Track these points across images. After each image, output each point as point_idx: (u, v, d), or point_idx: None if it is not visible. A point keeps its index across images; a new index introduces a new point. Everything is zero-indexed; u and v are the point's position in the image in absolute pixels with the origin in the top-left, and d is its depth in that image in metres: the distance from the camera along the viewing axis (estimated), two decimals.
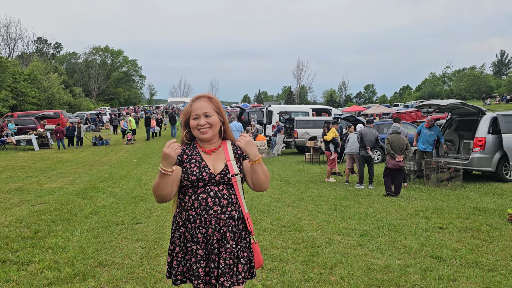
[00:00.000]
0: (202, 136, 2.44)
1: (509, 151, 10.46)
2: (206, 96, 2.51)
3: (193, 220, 2.39)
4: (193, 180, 2.39)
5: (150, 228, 6.28)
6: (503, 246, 5.20)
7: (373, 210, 7.48)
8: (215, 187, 2.41)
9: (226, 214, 2.40)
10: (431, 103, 12.19)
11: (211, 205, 2.38)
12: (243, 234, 2.46)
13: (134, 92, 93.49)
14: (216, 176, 2.41)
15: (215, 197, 2.38)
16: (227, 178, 2.41)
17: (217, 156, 2.48)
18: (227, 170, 2.42)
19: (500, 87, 79.19)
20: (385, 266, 4.52)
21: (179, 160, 2.46)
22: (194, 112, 2.45)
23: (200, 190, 2.40)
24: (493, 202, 8.08)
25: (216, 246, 2.38)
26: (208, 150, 2.49)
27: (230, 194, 2.42)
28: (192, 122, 2.46)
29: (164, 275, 4.33)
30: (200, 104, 2.45)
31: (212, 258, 2.38)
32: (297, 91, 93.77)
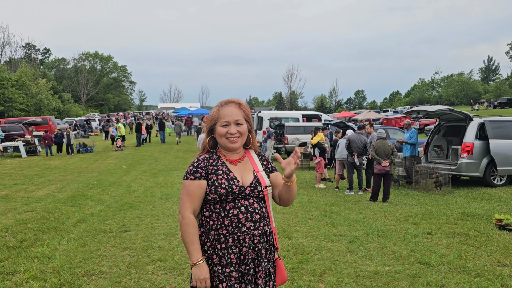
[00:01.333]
0: (230, 146, 2.25)
1: (497, 156, 10.59)
2: (236, 102, 2.30)
3: (224, 240, 2.17)
4: (222, 193, 2.17)
5: (139, 236, 6.22)
6: (490, 251, 5.24)
7: (363, 216, 7.50)
8: (245, 201, 2.20)
9: (259, 230, 2.21)
10: (420, 109, 12.33)
11: (244, 222, 2.17)
12: (272, 249, 2.31)
13: (124, 98, 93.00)
14: (246, 189, 2.21)
15: (246, 212, 2.19)
16: (257, 191, 2.24)
17: (243, 167, 2.30)
18: (257, 182, 2.25)
19: (487, 93, 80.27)
20: (374, 272, 4.52)
21: (205, 172, 2.23)
22: (224, 119, 2.24)
23: (229, 206, 2.19)
24: (481, 207, 8.15)
25: (251, 266, 2.19)
26: (233, 160, 2.30)
27: (261, 207, 2.25)
28: (220, 129, 2.24)
29: (152, 284, 4.29)
30: (230, 111, 2.25)
31: (249, 280, 2.18)
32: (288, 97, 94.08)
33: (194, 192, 2.20)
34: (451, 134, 12.19)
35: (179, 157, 20.04)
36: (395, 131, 18.13)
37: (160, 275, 4.54)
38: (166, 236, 6.19)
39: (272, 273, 2.28)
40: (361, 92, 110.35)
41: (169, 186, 11.46)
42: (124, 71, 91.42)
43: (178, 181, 12.39)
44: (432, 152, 12.25)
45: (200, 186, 2.20)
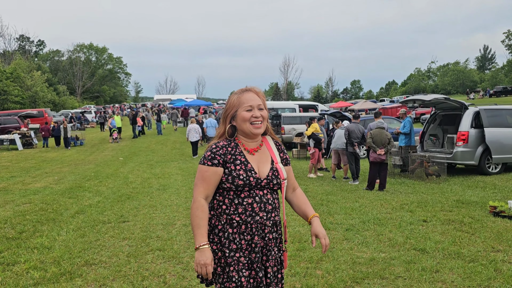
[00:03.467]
0: (255, 131, 2.24)
1: (492, 144, 10.67)
2: (253, 89, 2.32)
3: (236, 225, 2.20)
4: (239, 184, 2.19)
5: (137, 226, 6.27)
6: (484, 238, 5.32)
7: (359, 204, 7.57)
8: (259, 191, 2.24)
9: (271, 220, 2.26)
10: (416, 98, 12.39)
11: (257, 211, 2.21)
12: (281, 239, 2.36)
13: (120, 89, 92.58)
14: (262, 181, 2.23)
15: (260, 202, 2.22)
16: (273, 184, 2.26)
17: (260, 157, 2.30)
18: (273, 175, 2.27)
19: (483, 82, 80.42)
20: (370, 259, 4.59)
21: (223, 160, 2.22)
22: (248, 103, 2.24)
23: (244, 194, 2.21)
24: (475, 195, 8.24)
25: (260, 255, 2.24)
26: (251, 149, 2.29)
27: (273, 198, 2.29)
28: (245, 114, 2.23)
29: (152, 272, 4.34)
30: (251, 96, 2.27)
31: (259, 267, 2.22)
32: (284, 87, 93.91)
33: (209, 179, 2.20)
34: (446, 123, 12.25)
35: (175, 149, 20.05)
36: (391, 121, 18.19)
37: (159, 264, 4.59)
38: (164, 226, 6.24)
39: (282, 262, 2.33)
40: (358, 82, 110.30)
41: (166, 177, 11.50)
42: (120, 62, 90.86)
43: (175, 172, 12.43)
44: (428, 141, 12.32)
45: (217, 173, 2.19)
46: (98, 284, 4.08)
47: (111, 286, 4.02)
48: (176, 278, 4.17)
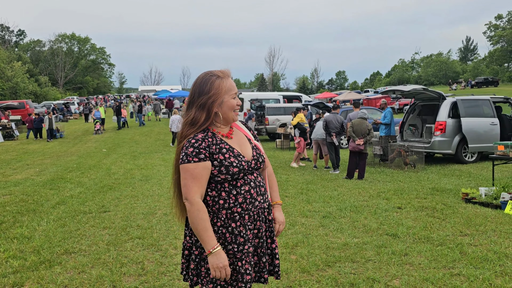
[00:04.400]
0: (236, 118, 2.21)
1: (468, 134, 10.95)
2: (230, 74, 2.23)
3: (239, 218, 2.10)
4: (235, 172, 2.08)
5: (118, 216, 6.33)
6: (454, 223, 5.54)
7: (338, 193, 7.75)
8: (250, 175, 2.16)
9: (267, 202, 2.24)
10: (395, 89, 12.60)
11: (255, 196, 2.15)
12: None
13: (103, 80, 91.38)
14: (251, 163, 2.17)
15: (255, 186, 2.16)
16: (259, 163, 2.21)
17: (238, 139, 2.22)
18: (257, 153, 2.22)
19: (465, 73, 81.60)
20: (344, 244, 4.76)
21: (208, 153, 2.08)
22: (234, 90, 2.17)
23: (240, 183, 2.11)
24: (451, 183, 8.49)
25: (265, 239, 2.21)
26: (227, 134, 2.20)
27: (262, 179, 2.26)
28: (233, 102, 2.15)
29: (130, 259, 4.43)
30: (232, 82, 2.19)
31: (263, 252, 2.19)
32: (270, 78, 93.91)
33: (201, 176, 2.04)
34: (425, 113, 12.51)
35: (159, 140, 20.02)
36: (374, 111, 18.45)
37: (138, 252, 4.69)
38: (145, 215, 6.32)
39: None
40: (343, 73, 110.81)
41: (149, 168, 11.53)
42: (103, 53, 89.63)
43: (158, 163, 12.46)
44: (407, 131, 12.57)
45: (206, 168, 2.05)
46: (77, 271, 4.16)
47: (90, 273, 4.11)
48: (154, 265, 4.27)
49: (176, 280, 3.88)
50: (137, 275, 4.02)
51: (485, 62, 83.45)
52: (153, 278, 3.94)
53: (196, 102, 2.14)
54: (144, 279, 3.93)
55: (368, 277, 3.83)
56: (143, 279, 3.93)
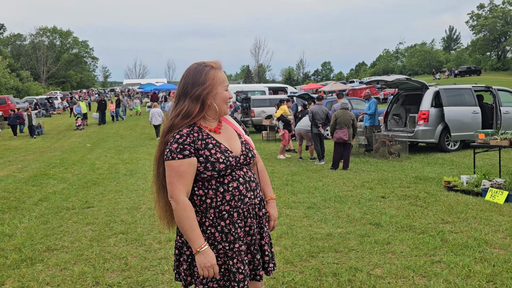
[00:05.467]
0: (228, 111, 2.16)
1: (450, 123, 11.09)
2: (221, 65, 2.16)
3: (227, 216, 2.04)
4: (221, 168, 2.01)
5: (102, 211, 6.27)
6: (435, 211, 5.62)
7: (322, 183, 7.79)
8: (239, 171, 2.09)
9: (258, 197, 2.17)
10: (379, 79, 12.69)
11: (245, 193, 2.08)
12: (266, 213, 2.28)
13: (87, 74, 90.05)
14: (240, 158, 2.10)
15: (244, 182, 2.08)
16: (249, 158, 2.14)
17: (227, 134, 2.15)
18: (246, 148, 2.16)
19: (449, 62, 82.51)
20: (327, 234, 4.79)
21: (194, 149, 2.01)
22: (226, 82, 2.10)
23: (227, 179, 2.04)
24: (433, 171, 8.60)
25: (257, 237, 2.15)
26: (215, 128, 2.13)
27: (253, 174, 2.19)
28: (226, 94, 2.10)
29: (114, 255, 4.40)
30: (224, 74, 2.12)
31: (256, 249, 2.14)
32: (256, 70, 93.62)
33: (186, 173, 1.98)
34: (409, 102, 12.62)
35: (145, 134, 19.86)
36: (359, 102, 18.57)
37: (121, 247, 4.65)
38: (129, 210, 6.28)
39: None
40: (328, 64, 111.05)
41: (134, 162, 11.44)
42: (86, 46, 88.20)
43: (143, 157, 12.37)
44: (391, 121, 12.68)
45: (192, 165, 1.99)
46: (59, 268, 4.11)
47: (72, 269, 4.07)
48: (137, 260, 4.25)
49: (160, 274, 3.87)
50: (120, 271, 4.00)
51: (468, 51, 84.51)
52: (137, 273, 3.92)
53: (190, 93, 2.05)
54: (127, 274, 3.90)
55: (350, 266, 3.87)
56: (126, 274, 3.90)
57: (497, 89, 11.92)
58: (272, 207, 2.31)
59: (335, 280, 3.61)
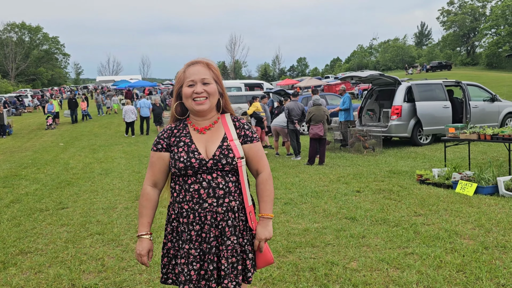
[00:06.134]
0: (197, 108, 2.05)
1: (422, 117, 11.37)
2: (203, 61, 2.11)
3: (186, 215, 2.05)
4: (181, 167, 2.03)
5: (77, 212, 6.17)
6: (409, 204, 5.78)
7: (299, 179, 7.88)
8: (207, 175, 2.03)
9: (224, 207, 2.04)
10: (353, 75, 12.85)
11: (205, 198, 2.02)
12: (243, 226, 2.11)
13: (58, 71, 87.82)
14: (207, 162, 2.03)
15: (208, 187, 2.02)
16: (221, 165, 2.04)
17: (212, 135, 2.10)
18: (221, 154, 2.05)
19: (421, 57, 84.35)
20: (304, 229, 4.87)
21: (166, 144, 2.10)
22: (190, 78, 2.05)
23: (190, 180, 2.04)
24: (406, 165, 8.81)
25: (214, 245, 2.04)
26: (201, 128, 2.11)
27: (226, 182, 2.05)
28: (186, 90, 2.05)
29: (90, 256, 4.35)
30: (197, 69, 2.06)
31: (210, 259, 2.04)
32: (231, 66, 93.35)
33: (155, 164, 2.12)
34: (382, 98, 12.86)
35: (120, 131, 19.57)
36: (333, 97, 18.78)
37: (98, 248, 4.60)
38: (105, 210, 6.20)
39: (246, 251, 2.12)
40: (304, 60, 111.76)
41: (109, 161, 11.27)
42: (56, 42, 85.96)
43: (118, 156, 12.19)
44: (365, 116, 12.90)
45: (161, 158, 2.10)
46: (33, 272, 4.03)
47: (47, 272, 4.00)
48: (114, 260, 4.21)
49: (137, 274, 3.85)
50: (97, 272, 3.95)
51: (439, 46, 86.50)
52: (114, 274, 3.89)
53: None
54: (105, 275, 3.87)
55: (327, 260, 3.94)
56: (103, 275, 3.87)
57: (466, 84, 12.27)
58: (261, 225, 2.12)
59: (312, 274, 3.68)
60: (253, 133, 2.17)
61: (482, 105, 12.24)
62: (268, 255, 2.19)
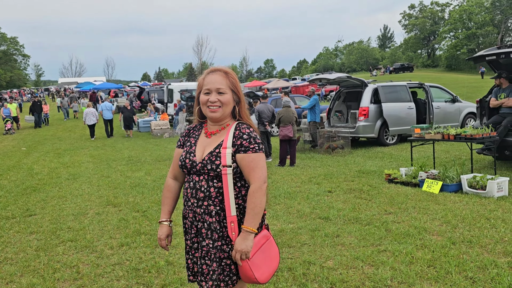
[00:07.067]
0: (210, 115, 2.20)
1: (388, 118, 11.72)
2: (222, 70, 2.23)
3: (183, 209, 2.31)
4: (180, 165, 2.26)
5: (46, 219, 6.00)
6: (379, 202, 5.96)
7: (272, 180, 7.96)
8: (196, 176, 2.19)
9: (202, 209, 2.16)
10: (321, 77, 13.10)
11: (189, 197, 2.21)
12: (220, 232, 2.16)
13: (17, 73, 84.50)
14: (197, 165, 2.17)
15: (193, 188, 2.19)
16: (207, 169, 2.14)
17: (213, 140, 2.22)
18: (209, 159, 2.15)
19: (384, 59, 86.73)
20: (280, 230, 4.94)
21: (182, 141, 2.35)
22: (207, 86, 2.20)
23: (187, 178, 2.26)
24: (375, 165, 9.07)
25: (195, 241, 2.24)
26: (209, 132, 2.26)
27: (209, 186, 2.15)
28: (202, 97, 2.21)
29: (64, 264, 4.25)
30: (214, 78, 2.20)
31: (192, 253, 2.26)
32: (199, 67, 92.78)
33: (175, 159, 2.36)
34: (350, 99, 13.16)
35: (85, 135, 19.09)
36: (302, 99, 19.04)
37: (71, 255, 4.50)
38: (76, 216, 6.05)
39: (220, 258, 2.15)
40: (271, 61, 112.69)
41: (76, 165, 10.99)
42: (15, 43, 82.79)
43: (86, 160, 11.90)
44: (334, 117, 13.16)
45: (178, 154, 2.33)
46: (4, 282, 3.90)
47: (19, 282, 3.88)
48: (90, 267, 4.13)
49: (115, 281, 3.80)
50: (72, 280, 3.87)
51: (401, 49, 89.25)
52: (90, 281, 3.82)
53: None
54: (80, 283, 3.79)
55: (304, 260, 4.02)
56: (79, 283, 3.79)
57: (429, 85, 12.76)
58: (240, 237, 2.10)
59: (291, 274, 3.75)
60: (250, 144, 2.15)
61: (444, 106, 12.76)
62: (248, 273, 2.12)
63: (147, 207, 6.32)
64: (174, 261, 4.19)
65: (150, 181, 8.45)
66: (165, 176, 8.91)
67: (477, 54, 8.36)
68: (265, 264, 2.19)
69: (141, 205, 6.50)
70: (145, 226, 5.38)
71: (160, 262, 4.17)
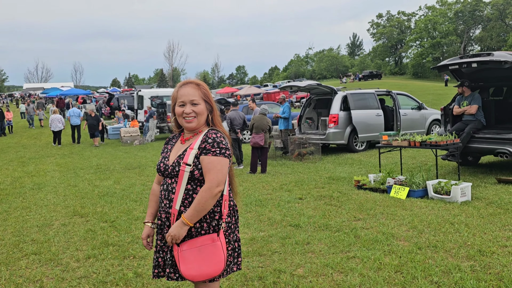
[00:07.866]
0: (187, 125, 2.36)
1: (357, 125, 11.95)
2: (194, 82, 2.39)
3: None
4: (156, 169, 2.44)
5: (8, 231, 5.77)
6: (348, 209, 6.05)
7: (243, 188, 7.95)
8: (169, 179, 2.36)
9: (170, 209, 2.34)
10: (292, 85, 13.24)
11: (163, 198, 2.36)
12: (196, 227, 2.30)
13: None
14: (168, 168, 2.35)
15: (166, 190, 2.35)
16: (176, 171, 2.31)
17: (186, 145, 2.38)
18: (177, 162, 2.32)
19: (354, 67, 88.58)
20: (251, 239, 4.93)
21: (162, 148, 2.54)
22: (180, 99, 2.35)
23: (163, 181, 2.42)
24: (344, 171, 9.21)
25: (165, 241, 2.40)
26: (183, 139, 2.42)
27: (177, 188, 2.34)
28: (177, 109, 2.37)
29: (26, 278, 4.09)
30: (186, 91, 2.35)
31: (165, 251, 2.40)
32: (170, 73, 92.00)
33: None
34: (320, 106, 13.34)
35: (51, 143, 18.54)
36: (273, 105, 19.16)
37: (35, 269, 4.34)
38: (40, 228, 5.85)
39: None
40: (243, 68, 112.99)
41: (42, 175, 10.65)
42: None
43: (51, 169, 11.55)
44: (304, 124, 13.30)
45: None
46: None
47: None
48: (54, 281, 3.99)
49: None
50: None
51: (370, 56, 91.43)
52: None
53: None
54: None
55: (274, 268, 4.03)
56: None
57: (396, 93, 13.10)
58: (175, 224, 2.25)
59: (261, 283, 3.74)
60: (213, 147, 2.27)
61: (411, 113, 13.12)
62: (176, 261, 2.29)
63: (116, 217, 6.19)
64: (143, 272, 4.11)
65: (119, 190, 8.28)
66: (135, 184, 8.77)
67: (441, 64, 8.66)
68: (198, 263, 2.24)
69: (109, 215, 6.35)
70: (113, 237, 5.26)
71: (128, 274, 4.07)
